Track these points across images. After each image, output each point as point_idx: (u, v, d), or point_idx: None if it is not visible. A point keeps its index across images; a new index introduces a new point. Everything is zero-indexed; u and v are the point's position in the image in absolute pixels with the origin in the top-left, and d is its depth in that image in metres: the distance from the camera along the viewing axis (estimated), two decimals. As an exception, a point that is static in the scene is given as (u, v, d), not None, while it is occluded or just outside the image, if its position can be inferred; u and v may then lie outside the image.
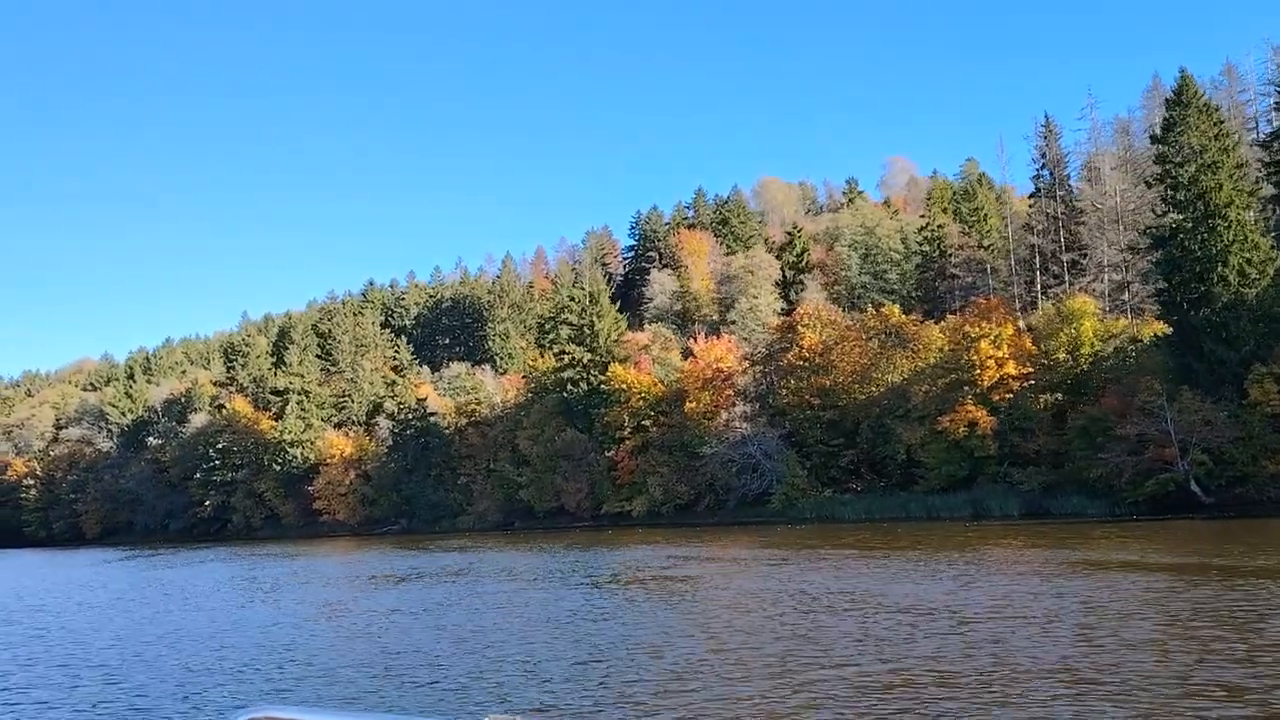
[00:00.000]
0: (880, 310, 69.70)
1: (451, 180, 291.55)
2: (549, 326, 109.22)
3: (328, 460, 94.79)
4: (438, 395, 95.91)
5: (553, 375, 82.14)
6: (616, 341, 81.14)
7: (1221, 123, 48.31)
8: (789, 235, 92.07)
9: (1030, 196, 77.60)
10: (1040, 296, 69.79)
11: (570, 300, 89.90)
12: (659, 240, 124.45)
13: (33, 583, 47.45)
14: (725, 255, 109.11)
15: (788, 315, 74.90)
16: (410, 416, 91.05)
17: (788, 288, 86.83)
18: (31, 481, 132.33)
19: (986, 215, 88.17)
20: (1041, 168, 73.63)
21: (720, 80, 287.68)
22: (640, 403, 73.78)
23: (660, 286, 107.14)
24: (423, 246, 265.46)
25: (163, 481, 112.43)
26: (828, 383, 64.62)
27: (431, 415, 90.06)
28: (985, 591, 22.03)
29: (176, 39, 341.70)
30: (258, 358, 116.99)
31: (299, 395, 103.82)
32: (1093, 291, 65.34)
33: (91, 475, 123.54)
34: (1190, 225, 46.89)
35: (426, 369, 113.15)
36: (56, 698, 15.97)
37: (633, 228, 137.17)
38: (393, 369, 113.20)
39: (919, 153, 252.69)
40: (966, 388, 56.18)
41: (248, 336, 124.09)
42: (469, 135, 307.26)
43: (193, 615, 27.25)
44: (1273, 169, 53.66)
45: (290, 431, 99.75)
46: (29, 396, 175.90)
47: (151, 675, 17.45)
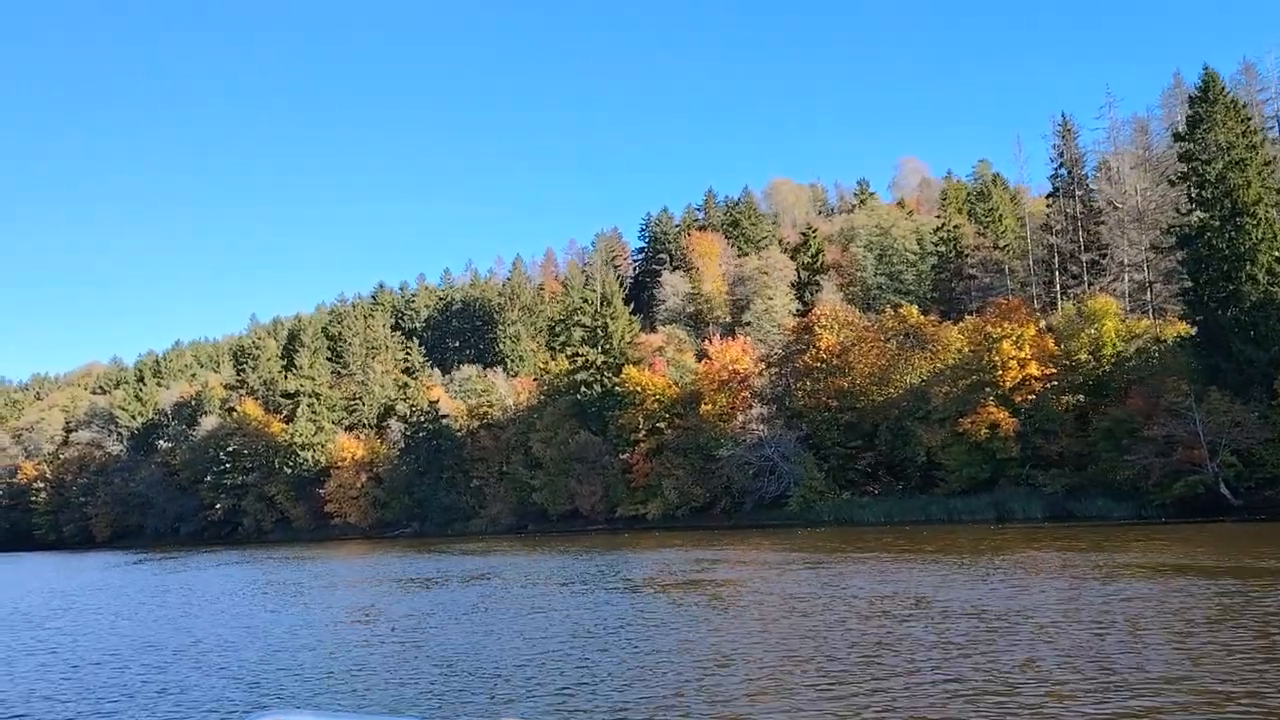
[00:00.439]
0: (898, 311, 69.17)
1: (459, 182, 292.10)
2: (560, 329, 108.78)
3: (339, 463, 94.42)
4: (449, 398, 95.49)
5: (566, 377, 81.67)
6: (630, 343, 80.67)
7: (1249, 119, 47.82)
8: (804, 236, 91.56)
9: (1048, 196, 76.99)
10: (1059, 297, 69.19)
11: (583, 302, 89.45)
12: (669, 242, 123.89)
13: (54, 586, 47.10)
14: (737, 257, 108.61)
15: (804, 316, 74.41)
16: (422, 419, 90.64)
17: (803, 289, 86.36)
18: (41, 484, 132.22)
19: (1001, 216, 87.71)
20: (1059, 167, 73.04)
21: (728, 81, 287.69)
22: (655, 405, 73.30)
23: (672, 288, 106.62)
24: (432, 249, 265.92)
25: (173, 485, 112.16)
26: (845, 384, 64.10)
27: (444, 418, 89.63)
28: (1049, 595, 21.27)
29: (185, 41, 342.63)
30: (268, 360, 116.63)
31: (310, 398, 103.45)
32: (1113, 291, 64.76)
33: (101, 478, 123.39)
34: (1217, 223, 46.37)
35: (437, 371, 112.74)
36: (106, 707, 15.43)
37: (642, 230, 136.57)
38: (404, 371, 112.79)
39: (929, 154, 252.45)
40: (988, 389, 55.60)
41: (257, 339, 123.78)
42: (476, 137, 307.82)
43: (226, 619, 26.60)
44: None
45: (301, 434, 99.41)
46: (38, 400, 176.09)
47: (201, 679, 16.90)
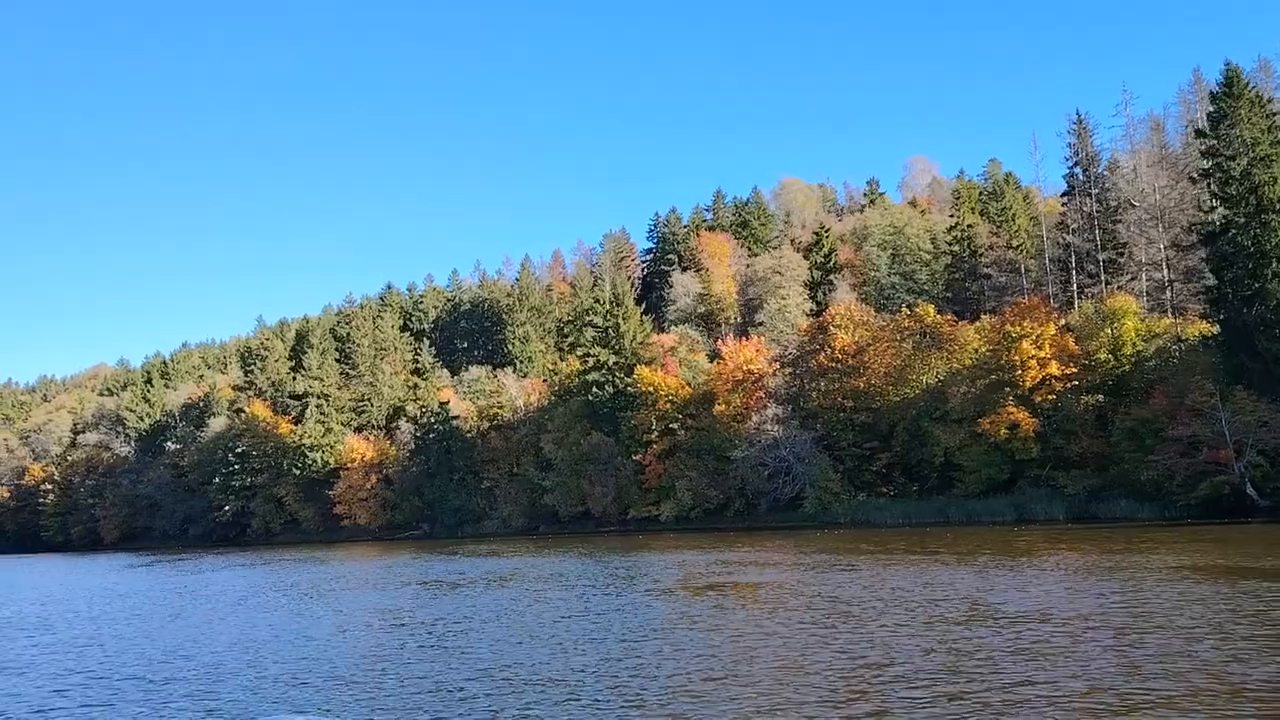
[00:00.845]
0: (914, 310, 68.58)
1: (467, 184, 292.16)
2: (569, 329, 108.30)
3: (348, 464, 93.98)
4: (459, 399, 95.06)
5: (577, 378, 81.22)
6: (642, 344, 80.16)
7: (1274, 115, 47.19)
8: (816, 235, 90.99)
9: (1064, 194, 76.33)
10: (1076, 296, 68.58)
11: (595, 302, 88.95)
12: (678, 243, 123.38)
13: (65, 590, 46.67)
14: (748, 257, 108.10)
15: (818, 316, 73.84)
16: (433, 420, 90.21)
17: (816, 288, 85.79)
18: (49, 486, 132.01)
19: (1014, 215, 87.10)
20: (1074, 165, 72.38)
21: (736, 81, 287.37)
22: (667, 405, 72.80)
23: (683, 289, 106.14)
24: (440, 250, 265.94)
25: (181, 486, 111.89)
26: (861, 384, 63.55)
27: (454, 419, 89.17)
28: (1110, 598, 20.57)
29: (193, 45, 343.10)
30: (276, 362, 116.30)
31: (318, 399, 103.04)
32: (1131, 290, 64.17)
33: (109, 480, 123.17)
34: (1242, 220, 45.84)
35: (446, 372, 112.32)
36: (147, 712, 14.94)
37: (651, 230, 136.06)
38: (413, 372, 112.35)
39: (938, 154, 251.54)
40: (1007, 389, 55.07)
41: (265, 341, 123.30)
42: (484, 139, 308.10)
43: (254, 623, 25.85)
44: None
45: (310, 435, 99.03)
46: (45, 402, 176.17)
47: (240, 689, 16.24)
